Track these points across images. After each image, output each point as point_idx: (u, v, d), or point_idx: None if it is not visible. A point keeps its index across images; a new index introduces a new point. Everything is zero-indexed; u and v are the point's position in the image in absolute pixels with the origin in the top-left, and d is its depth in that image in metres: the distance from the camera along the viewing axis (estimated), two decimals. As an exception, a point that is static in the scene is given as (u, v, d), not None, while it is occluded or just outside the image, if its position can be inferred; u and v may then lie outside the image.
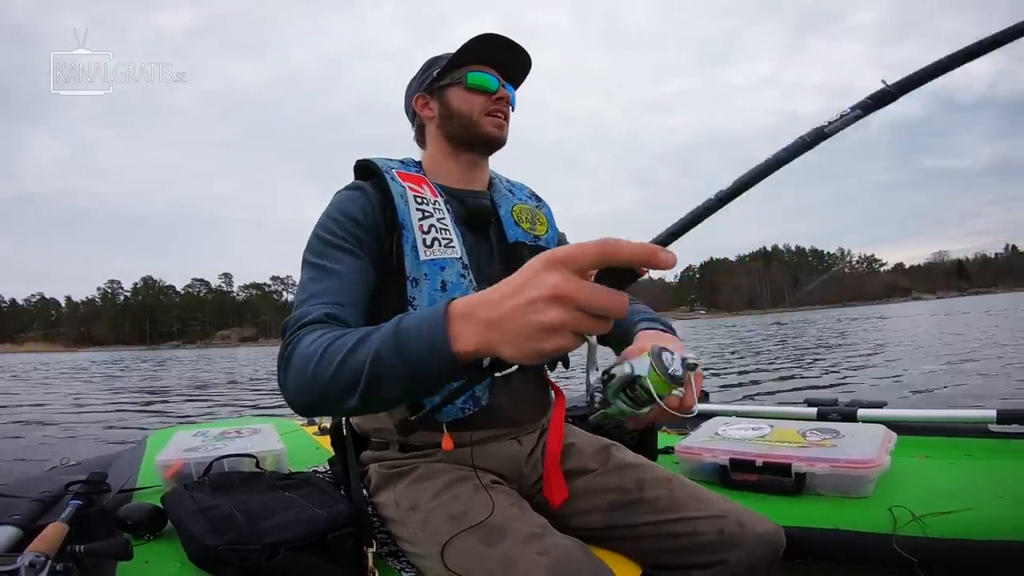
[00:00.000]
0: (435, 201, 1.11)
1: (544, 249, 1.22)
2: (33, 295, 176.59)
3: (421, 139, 1.25)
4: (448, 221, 1.10)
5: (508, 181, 1.32)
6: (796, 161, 0.56)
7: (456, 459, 1.04)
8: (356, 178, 1.17)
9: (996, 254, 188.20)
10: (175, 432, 2.08)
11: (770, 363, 11.30)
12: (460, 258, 1.08)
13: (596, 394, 0.66)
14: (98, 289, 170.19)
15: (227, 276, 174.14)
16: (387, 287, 1.05)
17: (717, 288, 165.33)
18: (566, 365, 1.22)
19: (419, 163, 1.23)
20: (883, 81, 0.54)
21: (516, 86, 1.23)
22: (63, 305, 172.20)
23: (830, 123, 0.55)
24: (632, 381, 0.65)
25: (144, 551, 1.12)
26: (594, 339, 0.61)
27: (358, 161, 1.17)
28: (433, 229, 1.07)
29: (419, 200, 1.09)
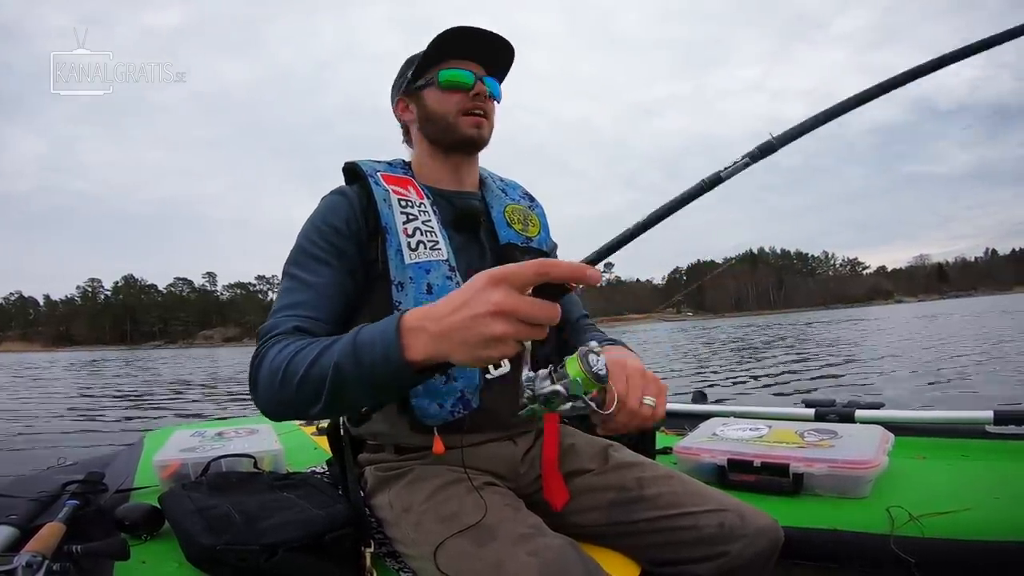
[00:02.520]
0: (420, 203, 1.11)
1: (536, 251, 1.23)
2: (11, 293, 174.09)
3: (408, 140, 1.24)
4: (434, 223, 1.09)
5: (501, 180, 1.31)
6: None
7: (450, 461, 1.04)
8: (345, 180, 1.16)
9: (976, 258, 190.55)
10: (172, 432, 2.07)
11: (768, 364, 11.37)
12: (446, 260, 1.07)
13: (526, 390, 0.72)
14: (77, 288, 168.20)
15: (211, 275, 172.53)
16: (373, 291, 1.05)
17: (704, 290, 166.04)
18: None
19: (408, 163, 1.22)
20: (770, 134, 0.67)
21: (501, 79, 1.19)
22: (41, 304, 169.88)
23: (725, 168, 0.68)
24: (555, 376, 0.72)
25: (141, 551, 1.12)
26: (528, 343, 0.69)
27: (345, 164, 1.16)
28: (418, 232, 1.06)
29: (403, 203, 1.09)
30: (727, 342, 20.64)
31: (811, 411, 1.96)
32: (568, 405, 0.72)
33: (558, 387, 0.71)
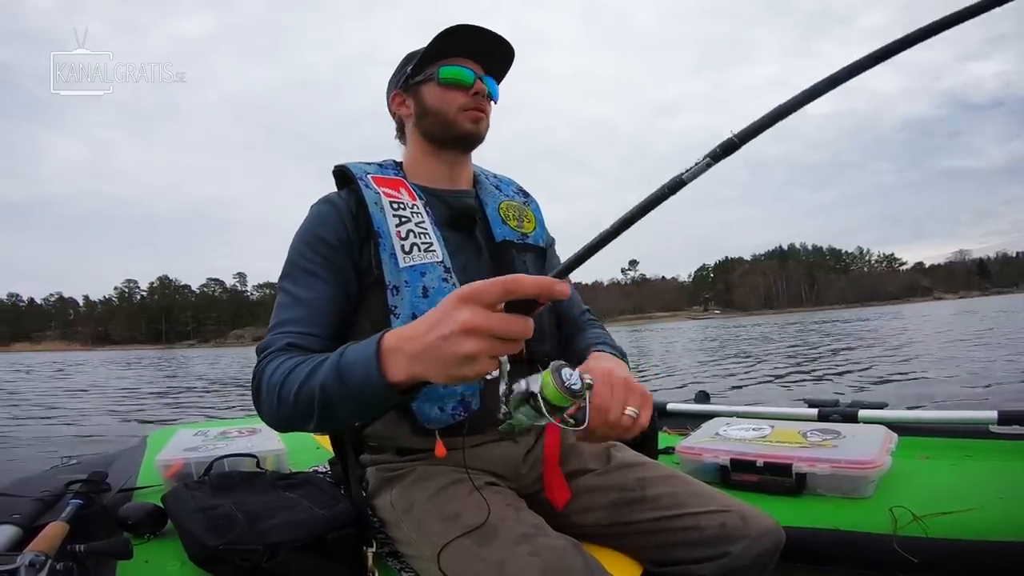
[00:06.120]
0: (413, 205, 1.10)
1: (532, 247, 1.23)
2: (51, 294, 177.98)
3: (402, 136, 1.23)
4: (428, 224, 1.09)
5: (495, 176, 1.29)
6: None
7: (452, 462, 1.04)
8: (335, 184, 1.16)
9: (1018, 253, 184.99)
10: (176, 431, 2.10)
11: (770, 363, 11.25)
12: (441, 261, 1.06)
13: (503, 407, 0.71)
14: (115, 288, 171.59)
15: (241, 275, 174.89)
16: (369, 296, 1.05)
17: (732, 288, 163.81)
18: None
19: (399, 164, 1.21)
20: (731, 131, 0.64)
21: (499, 79, 1.19)
22: (81, 304, 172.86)
23: (687, 171, 0.65)
24: (531, 395, 0.71)
25: (144, 550, 1.13)
26: (506, 359, 0.68)
27: (335, 167, 1.16)
28: (411, 234, 1.06)
29: (395, 205, 1.08)
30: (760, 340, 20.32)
31: (814, 411, 1.95)
32: (544, 421, 0.71)
33: (536, 406, 0.69)
